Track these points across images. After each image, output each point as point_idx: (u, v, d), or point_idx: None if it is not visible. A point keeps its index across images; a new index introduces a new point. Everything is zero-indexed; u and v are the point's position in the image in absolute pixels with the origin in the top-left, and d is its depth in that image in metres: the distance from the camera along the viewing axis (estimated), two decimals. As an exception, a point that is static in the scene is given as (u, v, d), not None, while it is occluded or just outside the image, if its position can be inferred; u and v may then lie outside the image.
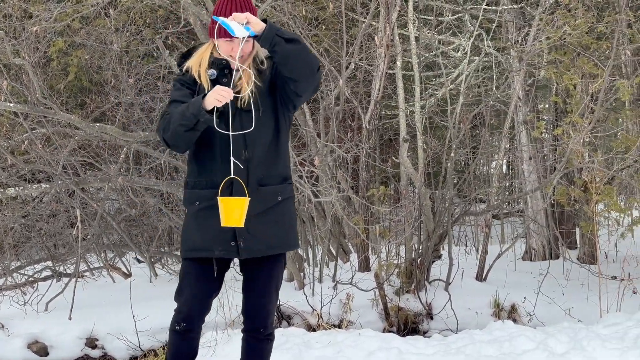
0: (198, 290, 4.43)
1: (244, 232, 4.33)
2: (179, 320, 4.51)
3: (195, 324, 4.50)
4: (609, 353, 6.34)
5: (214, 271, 4.39)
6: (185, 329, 4.47)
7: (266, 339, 4.56)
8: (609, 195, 8.32)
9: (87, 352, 8.47)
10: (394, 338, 7.05)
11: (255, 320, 4.51)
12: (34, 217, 10.77)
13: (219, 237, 4.35)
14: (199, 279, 4.42)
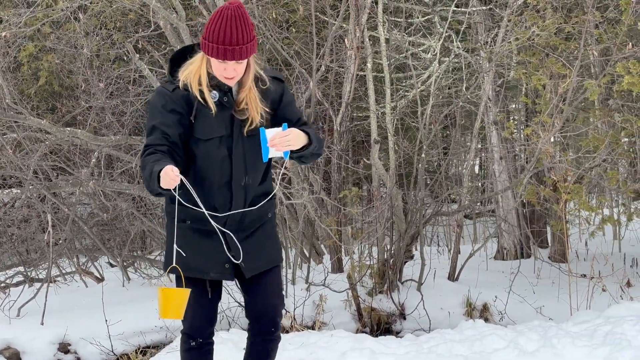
0: (199, 306, 4.34)
1: (239, 250, 4.28)
2: (191, 338, 4.40)
3: (208, 334, 4.43)
4: (579, 350, 6.41)
5: (208, 292, 4.35)
6: (200, 343, 4.37)
7: (275, 339, 4.52)
8: (578, 194, 8.41)
9: (59, 357, 8.43)
10: (366, 338, 7.08)
11: (266, 322, 4.44)
12: (5, 222, 10.71)
13: (213, 260, 4.28)
14: (196, 297, 4.29)
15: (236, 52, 3.97)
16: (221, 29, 3.95)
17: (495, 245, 11.68)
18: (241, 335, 7.17)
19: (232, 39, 3.95)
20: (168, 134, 4.09)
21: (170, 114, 4.11)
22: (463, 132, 11.43)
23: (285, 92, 4.31)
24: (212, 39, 3.98)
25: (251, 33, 4.03)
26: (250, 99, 4.15)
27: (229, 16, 3.95)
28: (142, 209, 10.71)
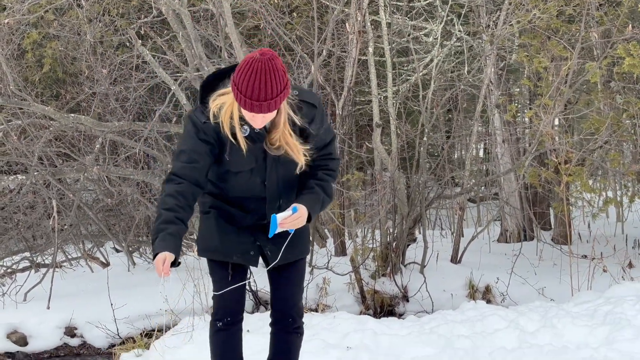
0: (228, 285, 4.38)
1: (268, 243, 4.35)
2: (221, 317, 4.43)
3: (235, 313, 4.47)
4: (579, 330, 6.46)
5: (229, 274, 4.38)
6: (228, 322, 4.41)
7: (295, 332, 4.55)
8: (579, 177, 8.44)
9: (66, 340, 8.53)
10: (368, 320, 7.14)
11: (284, 313, 4.50)
12: (11, 208, 10.79)
13: (238, 246, 4.35)
14: (223, 277, 4.39)
15: (264, 107, 3.85)
16: (249, 82, 3.81)
17: (499, 228, 11.73)
18: (246, 318, 7.20)
19: (261, 95, 3.81)
20: (197, 160, 4.07)
21: (202, 143, 4.07)
22: (466, 115, 11.45)
23: (315, 119, 4.14)
24: (241, 89, 3.85)
25: (282, 84, 3.85)
26: (287, 141, 4.06)
27: (259, 70, 3.80)
28: (147, 195, 10.77)
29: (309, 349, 6.32)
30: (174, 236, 3.96)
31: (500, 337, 6.47)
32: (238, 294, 4.45)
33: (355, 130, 12.38)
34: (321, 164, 4.24)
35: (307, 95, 4.12)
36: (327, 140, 4.24)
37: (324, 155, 4.24)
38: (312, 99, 4.13)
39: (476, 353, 6.24)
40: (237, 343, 4.52)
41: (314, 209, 4.18)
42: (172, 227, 3.97)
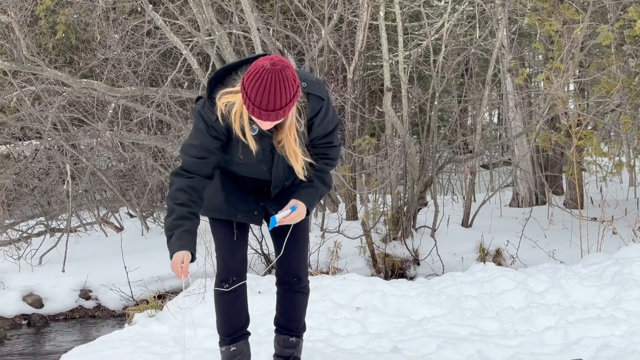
0: (229, 247, 4.48)
1: (272, 203, 4.41)
2: (226, 278, 4.49)
3: (240, 274, 4.52)
4: (587, 290, 6.50)
5: (234, 234, 4.45)
6: (233, 282, 4.47)
7: (301, 291, 4.61)
8: (590, 140, 8.44)
9: (81, 303, 8.67)
10: (378, 281, 7.19)
11: (289, 271, 4.56)
12: (26, 174, 10.90)
13: (242, 206, 4.41)
14: (227, 236, 4.47)
15: (272, 116, 3.86)
16: (259, 91, 3.79)
17: (511, 193, 11.74)
18: (257, 280, 7.32)
19: (269, 105, 3.80)
20: (208, 156, 4.13)
21: (212, 139, 4.11)
22: (477, 79, 11.43)
23: (320, 112, 4.14)
24: (251, 98, 3.83)
25: (292, 93, 3.82)
26: (290, 146, 4.08)
27: (270, 81, 3.77)
28: (160, 160, 10.84)
29: (319, 309, 6.40)
30: (189, 233, 4.04)
31: (509, 298, 6.52)
32: (242, 254, 4.51)
33: (368, 95, 12.40)
34: (321, 152, 4.27)
35: (315, 87, 4.10)
36: (330, 129, 4.24)
37: (326, 143, 4.26)
38: (320, 92, 4.12)
39: (484, 313, 6.29)
40: (243, 303, 4.58)
41: (312, 203, 4.28)
42: (187, 224, 4.05)
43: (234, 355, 4.52)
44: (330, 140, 4.26)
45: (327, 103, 4.15)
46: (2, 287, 8.59)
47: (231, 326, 4.51)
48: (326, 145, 4.27)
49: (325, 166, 4.32)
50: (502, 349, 5.45)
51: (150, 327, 6.50)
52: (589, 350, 5.19)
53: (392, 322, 6.27)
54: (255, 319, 6.13)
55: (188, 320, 4.57)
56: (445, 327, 6.04)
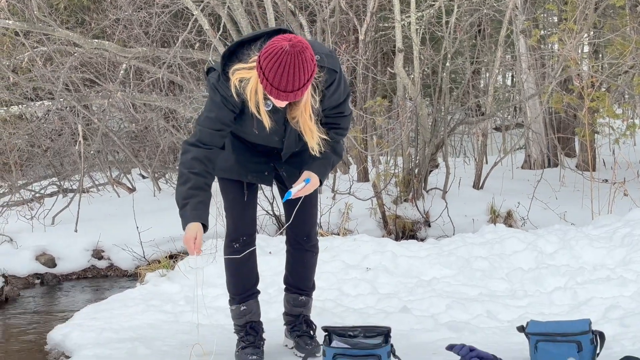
0: (239, 207, 4.50)
1: (283, 164, 4.44)
2: (236, 238, 4.50)
3: (250, 234, 4.53)
4: (596, 251, 6.51)
5: (245, 194, 4.47)
6: (244, 242, 4.48)
7: (310, 250, 4.63)
8: (602, 102, 8.40)
9: (93, 262, 8.74)
10: (388, 242, 7.22)
11: (299, 230, 4.58)
12: (38, 135, 10.95)
13: (252, 166, 4.43)
14: (237, 196, 4.48)
15: (290, 97, 3.87)
16: (277, 72, 3.79)
17: (523, 155, 11.71)
18: (267, 241, 7.36)
19: (288, 86, 3.81)
20: (223, 129, 4.17)
21: (228, 112, 4.13)
22: (490, 41, 11.36)
23: (333, 84, 4.13)
24: (268, 78, 3.84)
25: (309, 73, 3.83)
26: (305, 122, 4.09)
27: (289, 63, 3.77)
28: (172, 121, 10.86)
29: (330, 269, 6.43)
30: (204, 205, 4.06)
31: (518, 259, 6.54)
32: (251, 214, 4.53)
33: (380, 56, 12.35)
34: (333, 122, 4.27)
35: (328, 60, 4.07)
36: (342, 100, 4.23)
37: (337, 113, 4.26)
38: (334, 65, 4.10)
39: (493, 274, 6.32)
40: (253, 263, 4.60)
41: (325, 174, 4.31)
42: (202, 195, 4.07)
43: (244, 314, 4.55)
44: (341, 110, 4.26)
45: (340, 75, 4.15)
46: (16, 246, 8.67)
47: (241, 285, 4.54)
48: (337, 115, 4.27)
49: (337, 135, 4.32)
50: (511, 309, 5.48)
51: (162, 286, 6.56)
52: (598, 311, 5.22)
53: (401, 283, 6.31)
54: (266, 279, 6.18)
55: (200, 280, 4.60)
56: (455, 288, 6.07)
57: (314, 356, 4.47)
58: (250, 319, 4.56)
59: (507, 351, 4.49)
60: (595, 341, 4.25)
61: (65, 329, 5.41)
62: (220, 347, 4.82)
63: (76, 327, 5.37)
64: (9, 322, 6.77)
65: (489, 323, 5.24)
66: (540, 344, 4.27)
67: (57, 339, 5.33)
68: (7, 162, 10.44)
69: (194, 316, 5.32)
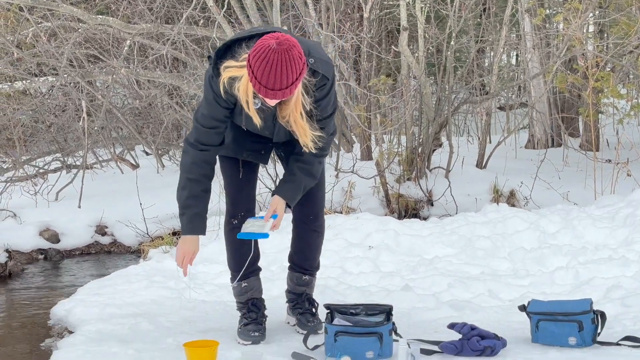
0: (237, 182, 4.52)
1: (281, 145, 4.47)
2: (234, 214, 4.52)
3: (251, 210, 4.55)
4: (599, 231, 6.52)
5: (240, 171, 4.51)
6: (244, 217, 4.47)
7: (316, 230, 4.63)
8: (607, 82, 8.37)
9: (97, 238, 8.76)
10: (390, 220, 7.24)
11: (306, 210, 4.57)
12: (42, 110, 10.95)
13: (249, 145, 4.45)
14: (234, 173, 4.52)
15: (279, 95, 3.90)
16: (265, 70, 3.82)
17: (527, 135, 11.69)
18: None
19: (276, 84, 3.84)
20: (219, 126, 4.22)
21: (222, 109, 4.18)
22: (495, 19, 11.31)
23: (323, 90, 4.12)
24: (257, 77, 3.86)
25: (297, 72, 3.85)
26: (296, 121, 4.09)
27: (276, 61, 3.80)
28: (175, 98, 10.85)
29: (332, 247, 6.45)
30: (200, 216, 4.24)
31: (521, 238, 6.56)
32: (249, 191, 4.55)
33: (384, 34, 12.32)
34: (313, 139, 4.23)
35: (322, 67, 4.08)
36: (326, 115, 4.23)
37: (320, 128, 4.21)
38: (327, 72, 4.11)
39: (495, 253, 6.34)
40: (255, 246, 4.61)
41: (294, 198, 4.29)
42: (199, 205, 4.23)
43: (245, 291, 4.57)
44: (323, 126, 4.23)
45: (331, 84, 4.16)
46: (19, 222, 8.68)
47: (242, 262, 4.54)
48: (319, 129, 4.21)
49: (313, 157, 4.28)
50: (513, 289, 5.50)
51: (165, 262, 6.59)
52: (599, 291, 5.24)
53: (403, 261, 6.33)
54: (268, 256, 6.21)
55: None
56: (457, 267, 6.09)
57: (315, 334, 4.50)
58: (251, 295, 4.58)
59: (508, 330, 4.52)
60: (596, 321, 4.27)
61: (69, 304, 5.43)
62: (223, 323, 4.85)
63: (79, 303, 5.40)
64: (12, 297, 6.81)
65: (490, 302, 5.26)
66: (541, 323, 4.30)
67: (60, 314, 5.36)
68: (11, 138, 10.46)
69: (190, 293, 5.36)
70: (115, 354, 4.27)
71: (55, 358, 4.30)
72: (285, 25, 8.97)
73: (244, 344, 4.44)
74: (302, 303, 4.69)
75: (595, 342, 4.24)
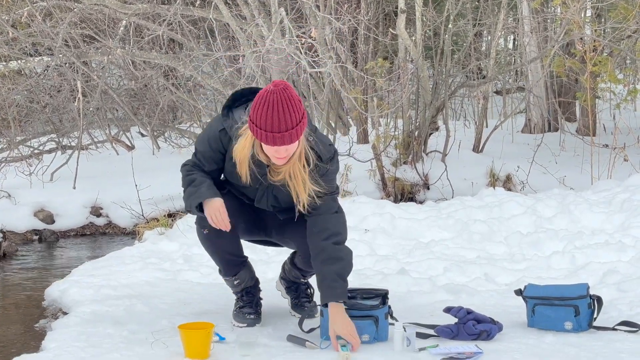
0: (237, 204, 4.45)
1: (272, 229, 4.47)
2: (203, 225, 4.35)
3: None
4: (595, 216, 6.52)
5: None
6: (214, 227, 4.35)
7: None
8: (604, 67, 8.35)
9: (92, 220, 8.74)
10: (387, 204, 7.22)
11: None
12: (37, 90, 10.89)
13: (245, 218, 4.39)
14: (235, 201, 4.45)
15: (286, 138, 3.86)
16: (268, 115, 3.81)
17: (523, 119, 11.68)
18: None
19: (281, 126, 3.82)
20: (204, 165, 4.19)
21: (212, 152, 4.16)
22: (492, 3, 11.27)
23: (321, 169, 4.11)
24: (260, 125, 3.85)
25: (299, 113, 3.85)
26: (296, 174, 4.06)
27: (275, 102, 3.80)
28: (171, 79, 10.80)
29: (328, 230, 6.43)
30: (215, 186, 4.15)
31: (517, 222, 6.55)
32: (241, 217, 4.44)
33: (382, 17, 12.26)
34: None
35: (324, 148, 4.12)
36: (327, 191, 4.19)
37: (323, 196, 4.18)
38: (328, 153, 4.13)
39: (492, 237, 6.33)
40: (231, 236, 4.45)
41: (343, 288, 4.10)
42: (211, 181, 4.16)
43: (238, 285, 4.53)
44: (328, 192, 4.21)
45: (331, 163, 4.16)
46: (14, 202, 8.66)
47: (226, 261, 4.46)
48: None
49: (326, 199, 4.20)
50: (509, 273, 5.50)
51: (160, 244, 6.58)
52: (596, 275, 5.23)
53: (399, 245, 6.32)
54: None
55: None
56: (453, 250, 6.09)
57: (312, 317, 4.49)
58: (245, 285, 4.55)
59: (504, 314, 4.51)
60: (592, 306, 4.27)
61: (63, 285, 5.42)
62: (218, 306, 4.84)
63: (74, 284, 5.38)
64: (6, 277, 6.78)
65: (486, 286, 5.26)
66: (537, 308, 4.29)
67: (55, 295, 5.34)
68: (6, 118, 10.40)
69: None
70: (110, 335, 4.26)
71: (49, 339, 4.28)
72: (282, 6, 8.91)
73: (239, 326, 4.42)
74: (298, 287, 4.68)
75: (592, 326, 4.25)
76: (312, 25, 8.78)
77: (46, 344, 4.22)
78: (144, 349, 4.03)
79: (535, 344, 4.05)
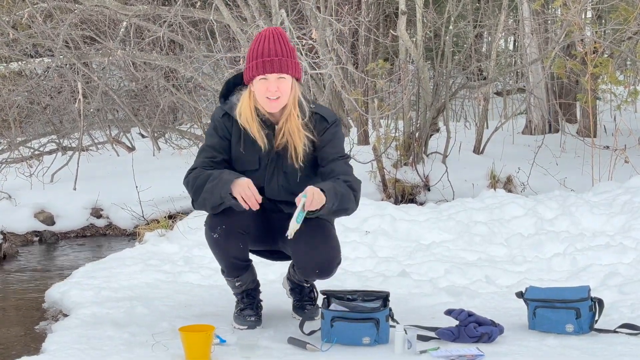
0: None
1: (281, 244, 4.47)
2: (213, 227, 4.37)
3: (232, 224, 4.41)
4: (596, 218, 6.51)
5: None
6: (225, 230, 4.34)
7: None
8: (605, 68, 8.34)
9: (92, 221, 8.74)
10: (387, 205, 7.21)
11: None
12: (38, 92, 10.89)
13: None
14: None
15: (275, 64, 4.01)
16: (259, 44, 4.07)
17: (524, 120, 11.67)
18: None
19: (271, 51, 4.03)
20: (215, 156, 4.24)
21: (220, 139, 4.25)
22: (493, 4, 11.26)
23: (328, 131, 4.22)
24: (252, 56, 4.07)
25: (291, 51, 4.09)
26: (292, 128, 4.16)
27: (267, 34, 4.08)
28: (172, 81, 10.80)
29: (328, 232, 6.43)
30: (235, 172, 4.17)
31: (518, 224, 6.55)
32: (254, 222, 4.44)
33: (382, 18, 12.26)
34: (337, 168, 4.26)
35: (323, 110, 4.28)
36: (336, 155, 4.26)
37: (335, 160, 4.27)
38: (327, 115, 4.26)
39: (492, 239, 6.33)
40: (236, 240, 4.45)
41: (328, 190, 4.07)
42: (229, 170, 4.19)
43: (240, 287, 4.52)
44: (341, 156, 4.31)
45: (332, 128, 4.25)
46: (14, 203, 8.65)
47: (231, 263, 4.45)
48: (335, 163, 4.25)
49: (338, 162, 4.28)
50: (510, 275, 5.49)
51: (161, 246, 6.57)
52: (597, 278, 5.23)
53: (400, 246, 6.32)
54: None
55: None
56: (454, 252, 6.08)
57: (312, 319, 4.48)
58: (246, 287, 4.54)
59: (505, 316, 4.51)
60: (593, 308, 4.26)
61: (64, 287, 5.41)
62: (219, 308, 4.83)
63: (74, 286, 5.38)
64: (7, 279, 6.78)
65: (487, 288, 5.25)
66: (538, 310, 4.29)
67: (55, 297, 5.34)
68: (7, 119, 10.40)
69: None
70: (110, 337, 4.25)
71: (49, 341, 4.28)
72: (282, 8, 8.91)
73: (240, 329, 4.42)
74: (303, 290, 4.66)
75: (593, 329, 4.24)
76: (313, 26, 8.77)
77: (46, 346, 4.22)
78: (145, 352, 4.03)
79: (537, 347, 4.05)
